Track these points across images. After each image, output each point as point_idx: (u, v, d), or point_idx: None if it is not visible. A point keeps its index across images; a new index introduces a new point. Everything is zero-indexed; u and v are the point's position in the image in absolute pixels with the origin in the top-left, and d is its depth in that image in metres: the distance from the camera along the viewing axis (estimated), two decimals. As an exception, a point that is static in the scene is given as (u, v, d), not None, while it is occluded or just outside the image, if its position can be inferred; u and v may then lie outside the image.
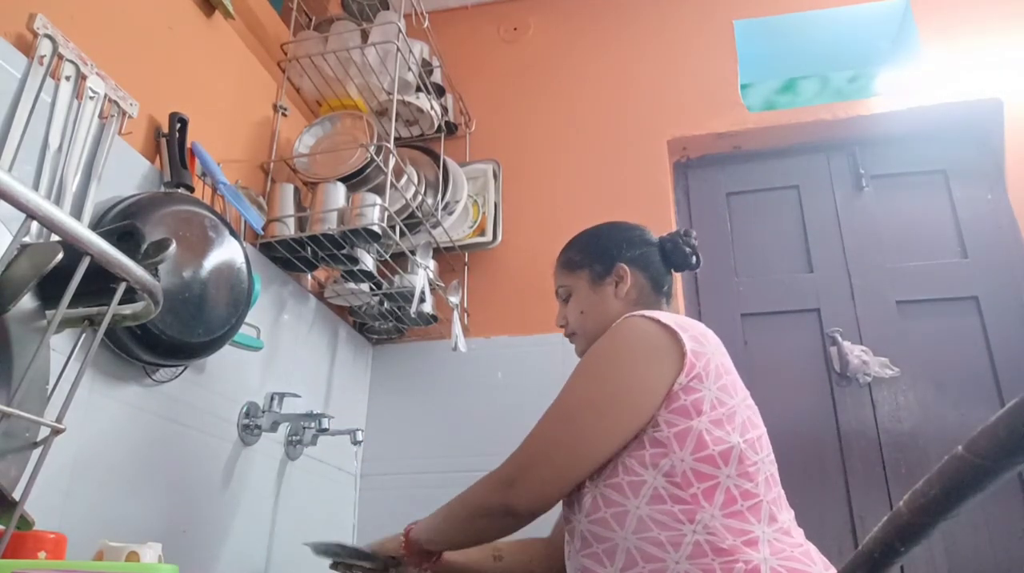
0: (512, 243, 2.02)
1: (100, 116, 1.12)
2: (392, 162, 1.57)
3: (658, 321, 1.01)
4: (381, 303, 1.77)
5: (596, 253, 1.22)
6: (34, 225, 0.81)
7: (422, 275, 1.73)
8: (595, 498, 0.98)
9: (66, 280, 0.63)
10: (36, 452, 0.65)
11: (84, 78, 1.10)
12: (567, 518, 1.05)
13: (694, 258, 1.23)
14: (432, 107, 1.96)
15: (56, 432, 0.64)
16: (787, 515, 0.98)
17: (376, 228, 1.49)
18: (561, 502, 1.06)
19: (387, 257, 1.66)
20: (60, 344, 0.91)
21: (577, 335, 1.21)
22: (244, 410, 1.41)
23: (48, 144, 1.03)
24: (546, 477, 0.98)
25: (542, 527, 1.13)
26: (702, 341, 1.01)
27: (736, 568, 0.87)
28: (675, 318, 1.03)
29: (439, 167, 1.90)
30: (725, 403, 0.98)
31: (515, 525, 1.01)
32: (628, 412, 0.97)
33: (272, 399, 1.48)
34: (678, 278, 1.91)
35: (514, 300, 1.97)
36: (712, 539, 0.89)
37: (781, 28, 2.20)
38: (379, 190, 1.56)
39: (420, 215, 1.74)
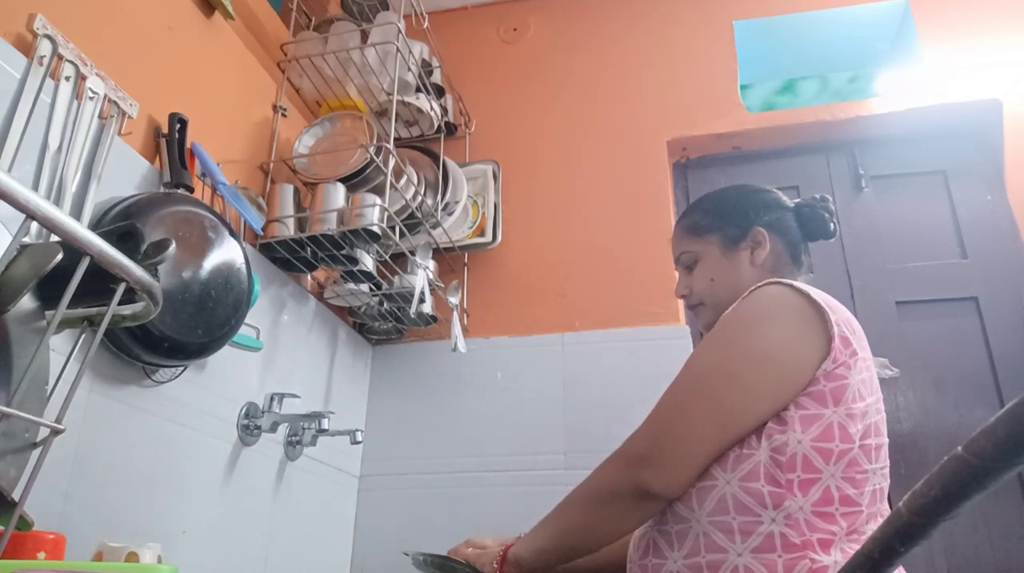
0: (512, 243, 2.03)
1: (100, 116, 1.12)
2: (392, 163, 1.57)
3: (807, 295, 0.92)
4: (381, 304, 1.77)
5: (729, 216, 1.13)
6: (34, 225, 0.81)
7: (422, 276, 1.73)
8: None
9: (66, 280, 0.63)
10: (35, 452, 0.65)
11: (84, 78, 1.10)
12: None
13: (832, 225, 1.13)
14: (432, 108, 1.96)
15: (55, 432, 0.64)
16: (874, 526, 0.89)
17: (376, 228, 1.49)
18: None
19: (387, 258, 1.66)
20: (60, 344, 0.91)
21: (705, 305, 1.12)
22: (244, 411, 1.41)
23: (48, 144, 1.02)
24: (684, 454, 0.88)
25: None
26: (848, 328, 0.92)
27: (800, 565, 0.82)
28: (824, 296, 0.94)
29: (439, 168, 1.90)
30: (864, 398, 0.90)
31: (651, 510, 0.91)
32: (775, 383, 0.88)
33: (272, 400, 1.47)
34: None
35: (514, 301, 1.97)
36: (787, 532, 0.84)
37: (781, 29, 2.21)
38: (379, 191, 1.56)
39: (420, 215, 1.74)
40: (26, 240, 0.75)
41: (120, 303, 0.69)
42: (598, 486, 0.94)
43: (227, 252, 1.24)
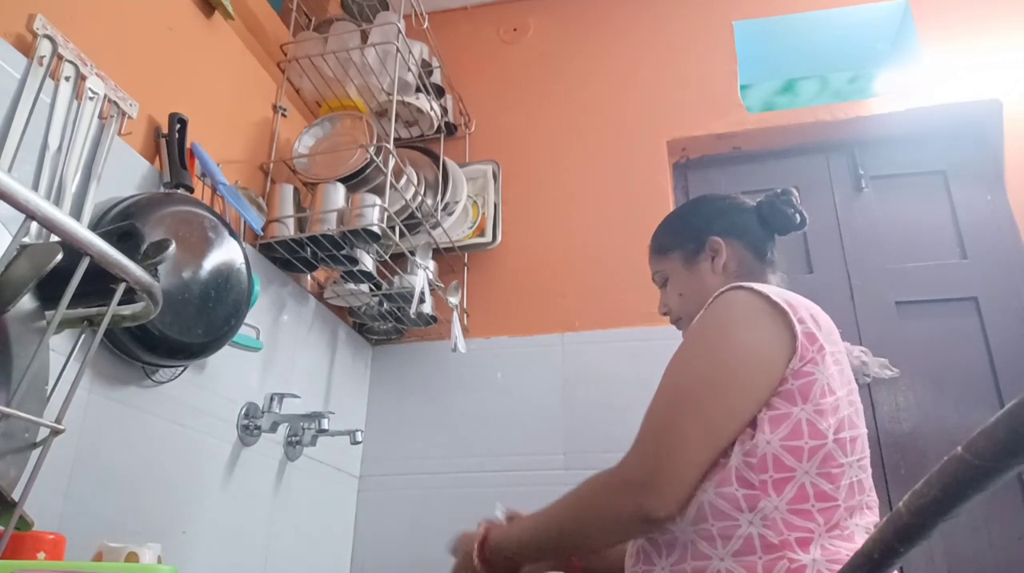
0: (512, 244, 2.03)
1: (100, 116, 1.12)
2: (392, 163, 1.57)
3: (766, 296, 0.93)
4: (381, 304, 1.77)
5: (685, 231, 1.17)
6: (34, 225, 0.81)
7: (422, 276, 1.73)
8: None
9: (66, 280, 0.63)
10: (35, 453, 0.65)
11: (84, 79, 1.10)
12: None
13: (798, 217, 1.14)
14: (432, 108, 1.96)
15: (55, 433, 0.64)
16: (859, 520, 0.90)
17: (376, 229, 1.49)
18: None
19: (387, 258, 1.66)
20: (60, 344, 0.91)
21: (682, 320, 1.16)
22: (243, 411, 1.41)
23: (48, 144, 1.03)
24: (681, 477, 0.87)
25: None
26: (811, 324, 0.92)
27: (779, 565, 0.83)
28: (784, 294, 0.95)
29: (439, 168, 1.90)
30: (834, 392, 0.90)
31: (651, 531, 0.92)
32: (753, 388, 0.89)
33: (272, 400, 1.48)
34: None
35: (514, 301, 1.97)
36: (765, 533, 0.84)
37: (781, 29, 2.20)
38: (379, 191, 1.56)
39: (420, 216, 1.74)
40: (26, 240, 0.75)
41: (120, 303, 0.69)
42: (598, 511, 0.93)
43: (227, 252, 1.24)
